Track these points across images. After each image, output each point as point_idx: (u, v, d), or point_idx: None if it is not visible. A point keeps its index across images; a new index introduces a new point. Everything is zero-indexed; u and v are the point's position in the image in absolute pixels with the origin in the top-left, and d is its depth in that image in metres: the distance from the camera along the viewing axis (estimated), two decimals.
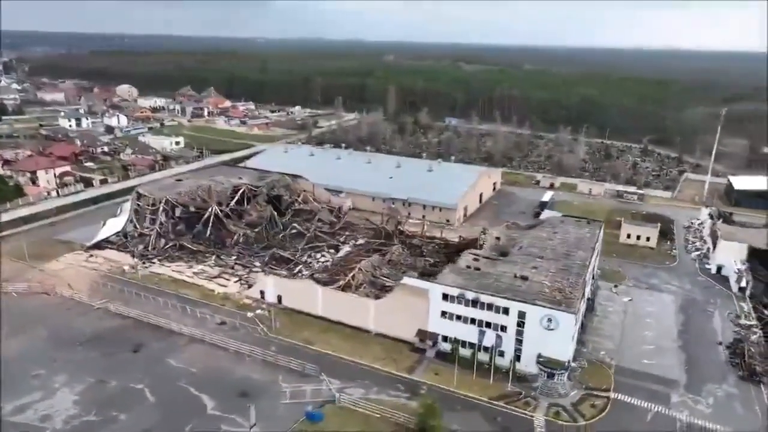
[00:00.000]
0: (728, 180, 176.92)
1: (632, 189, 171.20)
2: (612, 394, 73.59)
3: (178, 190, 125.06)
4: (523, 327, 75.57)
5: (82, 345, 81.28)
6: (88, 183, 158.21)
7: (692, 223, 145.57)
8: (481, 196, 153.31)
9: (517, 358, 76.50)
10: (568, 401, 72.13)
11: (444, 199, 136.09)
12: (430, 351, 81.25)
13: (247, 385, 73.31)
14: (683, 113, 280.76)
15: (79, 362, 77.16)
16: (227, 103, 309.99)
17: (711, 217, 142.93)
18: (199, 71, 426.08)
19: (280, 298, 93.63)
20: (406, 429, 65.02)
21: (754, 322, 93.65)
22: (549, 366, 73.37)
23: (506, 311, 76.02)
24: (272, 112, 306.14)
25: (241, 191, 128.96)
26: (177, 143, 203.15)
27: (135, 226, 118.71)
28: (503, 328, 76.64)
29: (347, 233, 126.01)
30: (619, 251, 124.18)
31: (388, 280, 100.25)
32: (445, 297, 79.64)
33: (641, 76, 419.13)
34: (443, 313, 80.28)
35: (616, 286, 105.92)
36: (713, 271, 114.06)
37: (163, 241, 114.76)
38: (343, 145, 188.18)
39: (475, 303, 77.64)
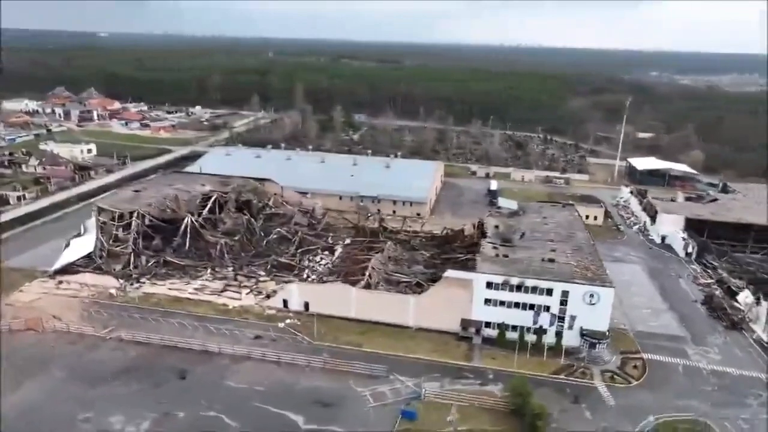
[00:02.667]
0: (628, 162, 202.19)
1: (557, 174, 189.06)
2: (643, 355, 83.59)
3: (146, 201, 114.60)
4: (565, 305, 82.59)
5: (118, 379, 73.08)
6: (3, 201, 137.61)
7: (618, 201, 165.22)
8: (436, 188, 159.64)
9: (559, 333, 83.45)
10: (613, 366, 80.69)
11: (414, 193, 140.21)
12: (476, 338, 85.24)
13: (323, 394, 71.69)
14: (566, 104, 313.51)
15: (125, 398, 69.54)
16: (116, 105, 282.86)
17: (632, 194, 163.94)
18: (63, 69, 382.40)
19: (307, 305, 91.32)
20: (505, 413, 68.55)
21: (711, 281, 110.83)
22: (595, 337, 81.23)
23: (549, 292, 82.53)
24: (169, 113, 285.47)
25: (213, 199, 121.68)
26: (89, 151, 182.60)
27: (103, 245, 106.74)
28: (547, 308, 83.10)
29: (331, 234, 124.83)
30: None
31: (402, 276, 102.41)
32: (489, 285, 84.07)
33: (521, 71, 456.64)
34: (487, 301, 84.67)
35: None
36: (658, 241, 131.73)
37: (144, 258, 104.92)
38: (283, 145, 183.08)
39: (519, 287, 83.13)
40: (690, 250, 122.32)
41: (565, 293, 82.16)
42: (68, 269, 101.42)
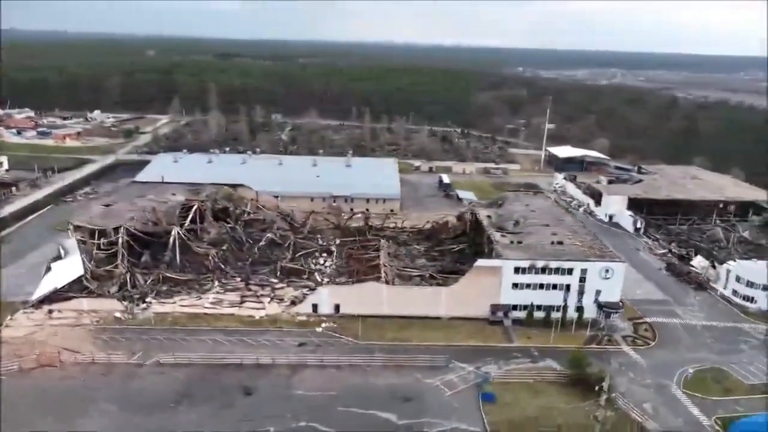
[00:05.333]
0: (548, 151, 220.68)
1: (494, 165, 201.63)
2: (647, 319, 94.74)
3: (126, 215, 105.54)
4: (584, 282, 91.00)
5: (181, 405, 68.42)
6: None
7: (555, 187, 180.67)
8: None
9: (579, 308, 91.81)
10: (629, 331, 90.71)
11: (386, 190, 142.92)
12: (506, 321, 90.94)
13: (398, 390, 73.00)
14: (473, 99, 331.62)
15: (200, 422, 65.65)
16: None
17: (566, 180, 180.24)
18: None
19: (337, 307, 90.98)
20: (567, 383, 74.80)
21: (664, 251, 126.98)
22: (611, 308, 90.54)
23: (570, 271, 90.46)
24: (65, 119, 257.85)
25: (194, 208, 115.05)
26: (0, 164, 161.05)
27: (86, 265, 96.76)
28: (568, 287, 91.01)
29: (319, 236, 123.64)
30: None
31: (413, 270, 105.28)
32: (516, 270, 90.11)
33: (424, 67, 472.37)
34: (514, 285, 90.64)
35: None
36: (606, 220, 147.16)
37: (139, 276, 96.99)
38: (228, 149, 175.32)
39: (543, 270, 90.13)
40: (639, 225, 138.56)
41: (584, 271, 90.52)
42: (53, 297, 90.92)
